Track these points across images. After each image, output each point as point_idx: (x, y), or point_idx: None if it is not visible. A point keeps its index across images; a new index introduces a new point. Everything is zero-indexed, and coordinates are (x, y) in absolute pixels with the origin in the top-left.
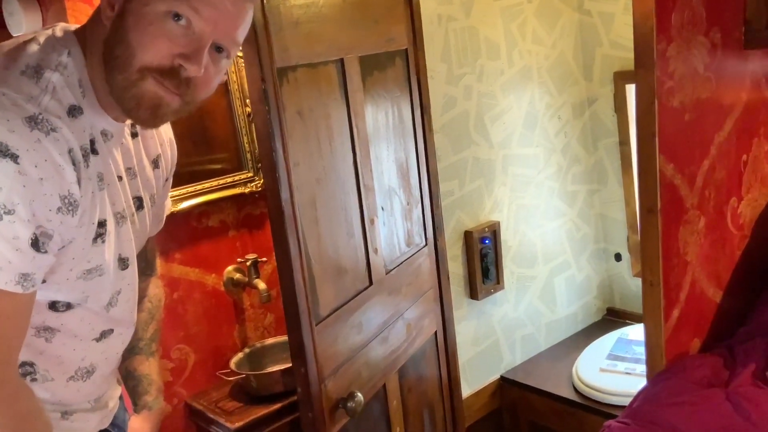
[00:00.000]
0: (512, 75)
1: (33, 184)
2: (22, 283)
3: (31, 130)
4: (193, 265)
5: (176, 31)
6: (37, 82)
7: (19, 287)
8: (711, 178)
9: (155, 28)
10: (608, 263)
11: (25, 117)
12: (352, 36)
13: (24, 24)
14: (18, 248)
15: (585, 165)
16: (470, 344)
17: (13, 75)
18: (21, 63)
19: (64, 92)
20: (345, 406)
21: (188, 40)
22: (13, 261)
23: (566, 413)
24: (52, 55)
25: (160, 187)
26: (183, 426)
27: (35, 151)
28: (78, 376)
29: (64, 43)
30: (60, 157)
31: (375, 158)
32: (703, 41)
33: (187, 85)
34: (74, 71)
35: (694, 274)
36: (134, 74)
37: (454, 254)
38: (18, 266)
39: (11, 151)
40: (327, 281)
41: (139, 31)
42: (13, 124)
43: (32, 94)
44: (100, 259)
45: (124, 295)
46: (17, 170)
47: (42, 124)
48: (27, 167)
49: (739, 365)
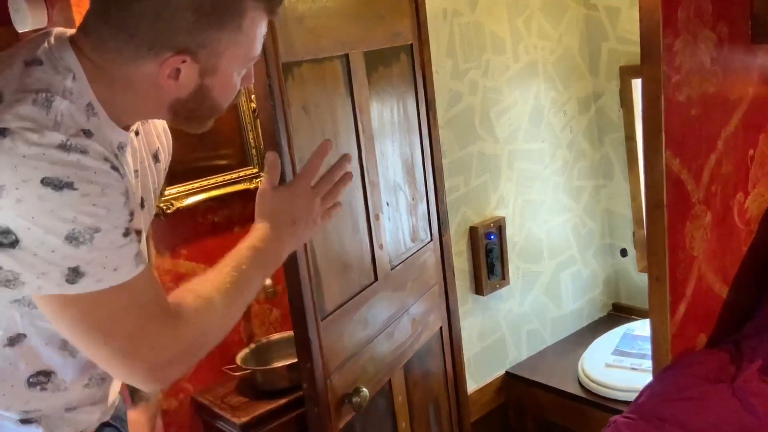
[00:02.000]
0: (518, 70)
1: (98, 199)
2: (138, 263)
3: (69, 154)
4: (200, 260)
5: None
6: (48, 113)
7: (141, 266)
8: (718, 173)
9: (237, 84)
10: (614, 259)
11: (57, 146)
12: (357, 31)
13: (29, 20)
14: (120, 245)
15: (591, 160)
16: (475, 340)
17: (26, 107)
18: (30, 91)
19: (73, 120)
20: (351, 401)
21: (249, 72)
22: (123, 255)
23: (572, 409)
24: (56, 79)
25: (161, 180)
26: (189, 421)
27: (83, 171)
28: (93, 383)
29: (65, 64)
30: (104, 165)
31: (380, 154)
32: (710, 35)
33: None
34: (80, 95)
35: (701, 270)
36: (221, 114)
37: (459, 250)
38: (128, 255)
39: (64, 181)
40: (332, 277)
41: (227, 94)
42: (50, 156)
43: (48, 124)
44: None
45: None
46: (79, 195)
47: (74, 147)
48: (85, 188)
49: (746, 360)
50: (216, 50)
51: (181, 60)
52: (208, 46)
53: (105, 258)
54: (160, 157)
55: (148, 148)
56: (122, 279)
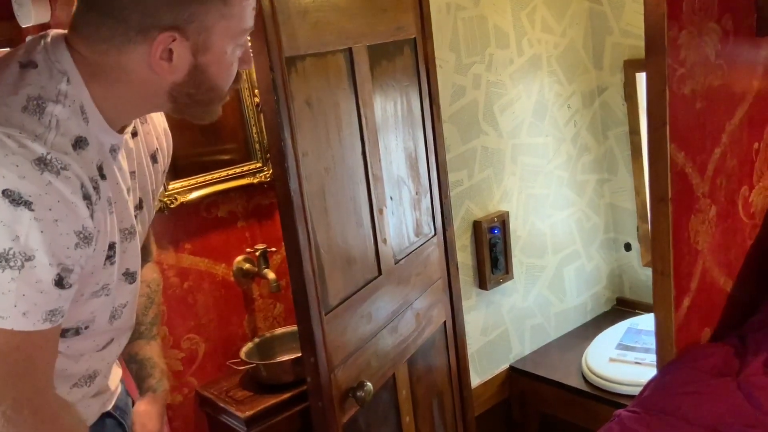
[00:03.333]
0: (522, 64)
1: (49, 228)
2: (50, 319)
3: (42, 172)
4: (203, 255)
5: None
6: (40, 119)
7: (48, 323)
8: (722, 166)
9: (233, 63)
10: (618, 253)
11: (34, 160)
12: (360, 25)
13: (33, 15)
14: (42, 290)
15: (595, 154)
16: (479, 334)
17: (15, 112)
18: (22, 96)
19: (67, 125)
20: (354, 395)
21: (246, 52)
22: (39, 303)
23: (576, 403)
24: (50, 83)
25: (159, 181)
26: (194, 415)
27: (47, 194)
28: (81, 383)
29: (60, 67)
30: (72, 195)
31: (384, 148)
32: (715, 28)
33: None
34: (75, 98)
35: (705, 263)
36: (224, 98)
37: (463, 244)
38: (44, 306)
39: (24, 198)
40: (336, 271)
41: (224, 73)
42: (22, 169)
43: (36, 132)
44: (108, 280)
45: (129, 307)
46: (32, 216)
47: (51, 165)
48: (41, 212)
49: (750, 354)
50: (204, 24)
51: (171, 38)
52: (195, 21)
53: (22, 296)
54: (159, 159)
55: (147, 150)
56: (25, 326)
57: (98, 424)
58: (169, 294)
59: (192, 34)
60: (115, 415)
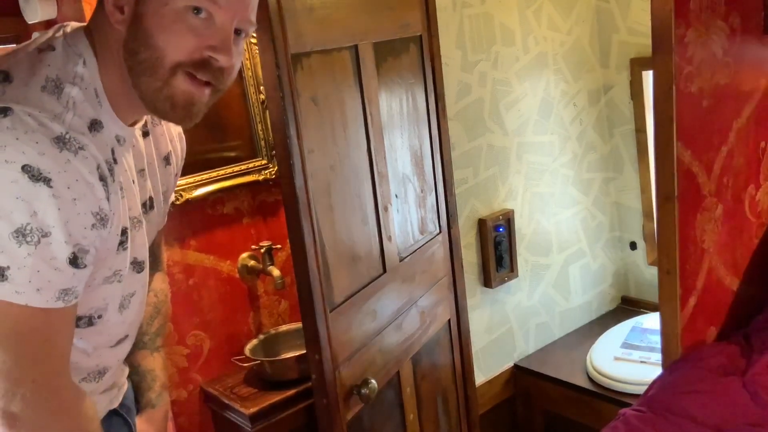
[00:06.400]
0: (527, 62)
1: (67, 206)
2: (63, 298)
3: (60, 150)
4: (208, 251)
5: (199, 24)
6: (59, 98)
7: (61, 302)
8: (729, 165)
9: (179, 26)
10: (623, 252)
11: (53, 138)
12: (366, 22)
13: (39, 11)
14: (57, 267)
15: (600, 152)
16: (484, 332)
17: (35, 92)
18: (40, 77)
19: (84, 107)
20: (359, 392)
21: (213, 32)
22: (53, 280)
23: (580, 401)
24: (68, 66)
25: (171, 183)
26: (198, 411)
27: (66, 172)
28: (90, 377)
29: (77, 50)
30: (90, 175)
31: (389, 145)
32: (722, 26)
33: (221, 74)
34: (90, 82)
35: (711, 262)
36: (166, 73)
37: (468, 242)
38: (58, 284)
39: (44, 174)
40: (341, 268)
41: (164, 32)
42: (42, 146)
43: (55, 111)
44: (120, 265)
45: (137, 297)
46: (51, 194)
47: (70, 144)
48: (60, 189)
49: (756, 353)
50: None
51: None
52: None
53: (37, 272)
54: (171, 161)
55: (159, 151)
56: (39, 303)
57: (105, 421)
58: (175, 290)
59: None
60: (121, 413)
